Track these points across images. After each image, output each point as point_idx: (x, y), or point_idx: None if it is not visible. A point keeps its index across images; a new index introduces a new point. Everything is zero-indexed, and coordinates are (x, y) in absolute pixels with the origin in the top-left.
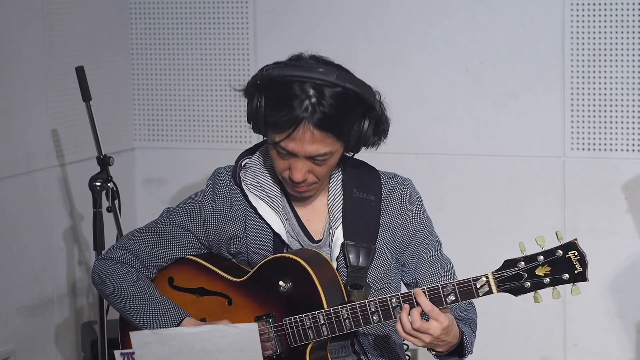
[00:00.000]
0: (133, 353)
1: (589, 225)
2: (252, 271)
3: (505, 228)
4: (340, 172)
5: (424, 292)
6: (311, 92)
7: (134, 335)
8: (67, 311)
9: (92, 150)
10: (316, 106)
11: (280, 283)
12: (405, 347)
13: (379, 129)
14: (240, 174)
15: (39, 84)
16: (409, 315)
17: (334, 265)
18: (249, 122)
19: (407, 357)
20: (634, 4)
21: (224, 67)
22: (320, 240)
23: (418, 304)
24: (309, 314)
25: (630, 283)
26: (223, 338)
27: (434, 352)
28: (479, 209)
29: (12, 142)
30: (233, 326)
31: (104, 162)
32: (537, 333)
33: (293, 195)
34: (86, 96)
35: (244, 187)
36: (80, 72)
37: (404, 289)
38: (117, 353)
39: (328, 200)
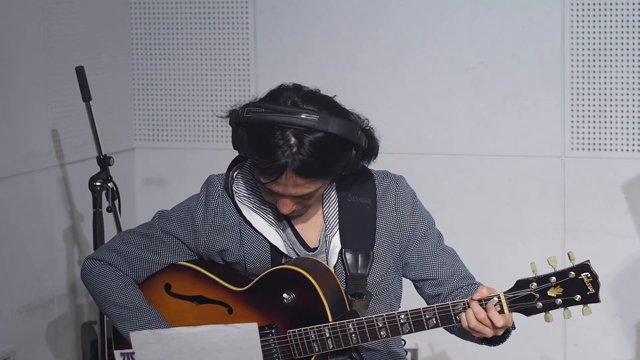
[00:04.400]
0: (133, 353)
1: (589, 225)
2: (254, 281)
3: (505, 228)
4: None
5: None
6: (292, 140)
7: (134, 336)
8: (67, 311)
9: (92, 150)
10: (296, 155)
11: (284, 295)
12: (405, 352)
13: (367, 155)
14: (233, 186)
15: (39, 84)
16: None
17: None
18: (234, 149)
19: None
20: (634, 4)
21: (224, 67)
22: (317, 248)
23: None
24: (315, 327)
25: (630, 283)
26: (223, 338)
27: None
28: (479, 209)
29: (12, 142)
30: (233, 326)
31: (104, 162)
32: (537, 333)
33: None
34: (86, 96)
35: (237, 200)
36: (80, 72)
37: (404, 288)
38: (117, 353)
39: (323, 208)
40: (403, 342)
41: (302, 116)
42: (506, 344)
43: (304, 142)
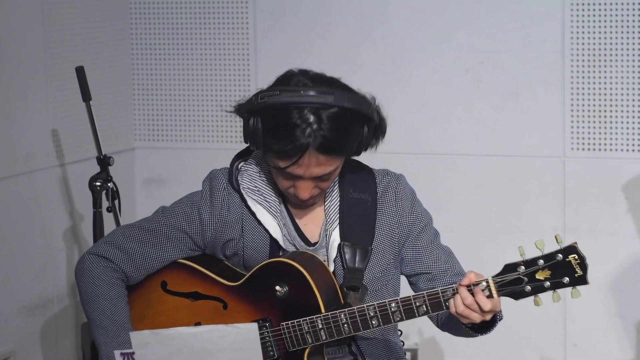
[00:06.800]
0: (133, 353)
1: (589, 225)
2: (247, 275)
3: (505, 228)
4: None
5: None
6: (311, 118)
7: (134, 336)
8: (67, 311)
9: (92, 150)
10: (317, 132)
11: (277, 288)
12: (402, 343)
13: (377, 132)
14: (238, 177)
15: (39, 84)
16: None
17: (332, 267)
18: (245, 142)
19: None
20: (634, 4)
21: (224, 67)
22: (317, 242)
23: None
24: (307, 318)
25: (630, 283)
26: (223, 338)
27: (467, 327)
28: (479, 209)
29: (12, 142)
30: (233, 326)
31: (104, 162)
32: (537, 333)
33: (293, 202)
34: (86, 96)
35: (243, 191)
36: (80, 72)
37: (403, 288)
38: (117, 353)
39: (325, 203)
40: (400, 332)
41: (318, 93)
42: (506, 343)
43: (323, 117)
